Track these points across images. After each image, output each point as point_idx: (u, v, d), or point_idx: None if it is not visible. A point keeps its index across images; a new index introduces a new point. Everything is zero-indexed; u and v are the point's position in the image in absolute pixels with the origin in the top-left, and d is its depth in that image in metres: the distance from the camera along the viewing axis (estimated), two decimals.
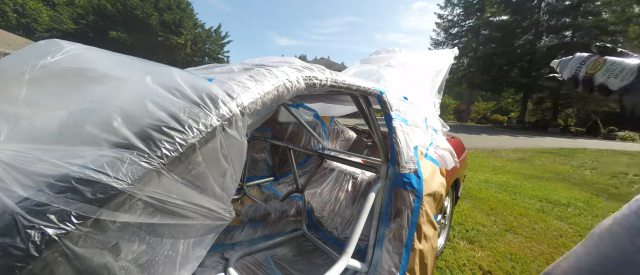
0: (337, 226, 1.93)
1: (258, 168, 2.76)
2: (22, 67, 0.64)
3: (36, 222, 0.41)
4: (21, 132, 0.55)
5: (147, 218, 0.53)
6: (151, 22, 19.81)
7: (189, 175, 0.58)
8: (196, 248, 0.67)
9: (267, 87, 0.77)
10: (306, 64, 1.00)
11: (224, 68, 0.96)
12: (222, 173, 0.66)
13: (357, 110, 1.41)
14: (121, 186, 0.48)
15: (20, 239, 0.39)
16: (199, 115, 0.61)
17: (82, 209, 0.44)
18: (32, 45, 0.73)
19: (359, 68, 2.47)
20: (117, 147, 0.51)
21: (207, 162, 0.61)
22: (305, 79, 0.89)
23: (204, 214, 0.63)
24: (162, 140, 0.54)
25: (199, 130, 0.59)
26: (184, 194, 0.58)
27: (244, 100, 0.70)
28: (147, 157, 0.52)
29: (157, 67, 0.72)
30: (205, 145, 0.60)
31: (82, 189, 0.45)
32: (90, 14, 19.61)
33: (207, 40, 25.12)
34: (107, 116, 0.55)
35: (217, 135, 0.62)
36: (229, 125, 0.64)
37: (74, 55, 0.69)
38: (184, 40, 21.57)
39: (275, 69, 0.85)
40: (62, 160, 0.47)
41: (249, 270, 1.39)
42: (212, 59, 25.13)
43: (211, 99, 0.64)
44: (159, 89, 0.62)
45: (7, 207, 0.41)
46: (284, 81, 0.82)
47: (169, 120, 0.57)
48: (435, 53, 2.62)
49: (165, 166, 0.53)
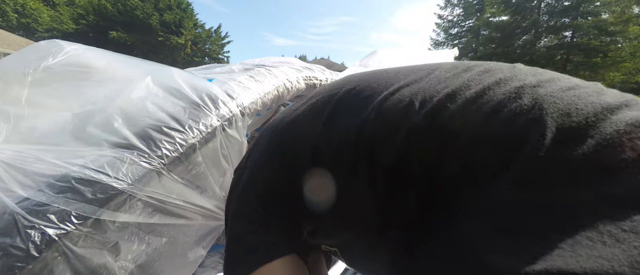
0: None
1: None
2: (23, 67, 0.64)
3: (36, 222, 0.41)
4: (21, 132, 0.55)
5: (146, 218, 0.53)
6: (151, 22, 19.82)
7: (189, 175, 0.58)
8: (196, 248, 0.67)
9: (268, 88, 0.77)
10: (306, 64, 1.00)
11: (224, 68, 0.96)
12: (222, 173, 0.66)
13: None
14: (121, 186, 0.48)
15: (20, 239, 0.40)
16: (199, 115, 0.61)
17: (82, 209, 0.44)
18: (33, 46, 0.73)
19: (358, 68, 2.47)
20: (117, 147, 0.51)
21: (207, 162, 0.61)
22: (305, 79, 0.89)
23: (204, 214, 0.63)
24: (163, 140, 0.54)
25: (199, 131, 0.59)
26: (183, 194, 0.58)
27: (244, 100, 0.70)
28: (147, 157, 0.52)
29: (157, 67, 0.72)
30: (205, 145, 0.60)
31: (82, 189, 0.45)
32: (91, 14, 19.62)
33: (207, 41, 25.14)
34: (108, 116, 0.55)
35: (217, 135, 0.62)
36: (229, 126, 0.64)
37: (74, 56, 0.69)
38: (184, 41, 21.58)
39: (275, 69, 0.85)
40: (62, 160, 0.47)
41: None
42: (212, 59, 25.14)
43: (211, 99, 0.64)
44: (159, 89, 0.62)
45: (7, 207, 0.41)
46: (284, 81, 0.82)
47: (169, 121, 0.57)
48: (435, 53, 2.62)
49: (166, 166, 0.53)
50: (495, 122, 0.29)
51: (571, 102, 0.28)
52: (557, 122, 0.27)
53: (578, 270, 0.20)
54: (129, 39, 19.76)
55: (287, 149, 0.44)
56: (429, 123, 0.33)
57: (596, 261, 0.19)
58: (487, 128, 0.30)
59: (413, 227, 0.35)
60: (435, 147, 0.32)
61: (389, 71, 0.43)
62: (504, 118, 0.29)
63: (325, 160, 0.40)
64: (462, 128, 0.31)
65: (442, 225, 0.32)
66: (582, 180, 0.24)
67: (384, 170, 0.35)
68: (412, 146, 0.33)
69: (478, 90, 0.32)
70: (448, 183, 0.31)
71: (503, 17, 17.20)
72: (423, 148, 0.33)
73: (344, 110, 0.41)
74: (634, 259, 0.19)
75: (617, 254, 0.19)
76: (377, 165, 0.36)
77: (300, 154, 0.42)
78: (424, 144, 0.33)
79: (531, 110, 0.28)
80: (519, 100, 0.29)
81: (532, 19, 15.71)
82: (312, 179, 0.42)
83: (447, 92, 0.34)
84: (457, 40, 20.52)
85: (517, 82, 0.32)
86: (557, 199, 0.24)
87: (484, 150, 0.29)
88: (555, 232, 0.23)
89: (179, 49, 22.07)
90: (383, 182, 0.36)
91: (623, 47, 12.54)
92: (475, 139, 0.30)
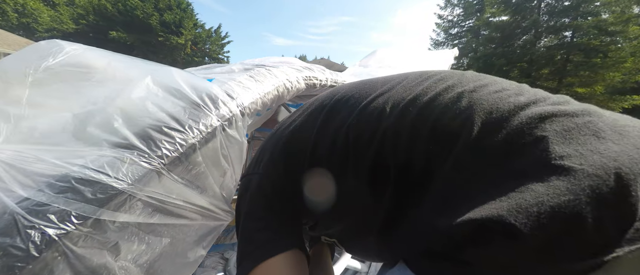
0: None
1: None
2: (24, 68, 0.64)
3: (36, 222, 0.41)
4: (22, 132, 0.55)
5: (147, 218, 0.53)
6: (151, 22, 19.81)
7: (189, 175, 0.58)
8: (196, 248, 0.67)
9: (268, 88, 0.77)
10: (306, 64, 1.00)
11: (224, 68, 0.96)
12: (222, 173, 0.66)
13: None
14: (121, 186, 0.48)
15: (20, 239, 0.40)
16: (199, 115, 0.61)
17: (82, 209, 0.44)
18: (33, 46, 0.73)
19: (358, 68, 2.47)
20: (117, 147, 0.51)
21: (207, 162, 0.61)
22: (305, 79, 0.89)
23: (203, 214, 0.63)
24: (163, 140, 0.54)
25: (199, 131, 0.59)
26: (183, 194, 0.58)
27: (244, 100, 0.70)
28: (147, 157, 0.52)
29: (157, 68, 0.72)
30: (205, 145, 0.60)
31: (82, 189, 0.45)
32: (91, 14, 19.62)
33: (207, 41, 25.13)
34: (108, 116, 0.55)
35: (217, 135, 0.62)
36: (229, 126, 0.64)
37: (75, 56, 0.69)
38: (184, 41, 21.56)
39: (275, 69, 0.85)
40: (62, 160, 0.47)
41: None
42: (212, 59, 25.12)
43: (211, 99, 0.64)
44: (159, 89, 0.62)
45: (7, 207, 0.41)
46: (284, 81, 0.82)
47: (169, 121, 0.57)
48: (435, 53, 2.62)
49: (166, 166, 0.53)
50: (443, 121, 0.37)
51: (494, 102, 0.36)
52: (482, 119, 0.35)
53: (477, 217, 0.29)
54: (129, 39, 19.75)
55: (289, 155, 0.51)
56: (398, 123, 0.40)
57: (490, 211, 0.29)
58: (438, 125, 0.37)
59: (392, 214, 0.42)
60: (402, 143, 0.39)
61: (370, 81, 0.52)
62: (448, 117, 0.37)
63: (320, 162, 0.47)
64: (421, 126, 0.38)
65: (412, 210, 0.39)
66: (495, 160, 0.33)
67: (367, 166, 0.42)
68: (386, 143, 0.40)
69: (432, 95, 0.40)
70: (416, 173, 0.38)
71: (503, 17, 17.18)
72: (394, 145, 0.39)
73: (332, 118, 0.48)
74: (512, 206, 0.28)
75: (504, 204, 0.29)
76: (361, 163, 0.43)
77: (300, 159, 0.49)
78: (395, 141, 0.39)
79: (465, 111, 0.37)
80: (458, 103, 0.38)
81: (532, 19, 15.70)
82: (311, 179, 0.48)
83: (410, 98, 0.41)
84: (457, 40, 20.50)
85: (460, 88, 0.40)
86: (478, 175, 0.33)
87: (437, 143, 0.37)
88: (476, 198, 0.31)
89: (179, 49, 22.06)
90: (367, 177, 0.43)
91: (623, 47, 12.52)
92: (430, 134, 0.37)
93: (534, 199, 0.28)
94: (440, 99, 0.39)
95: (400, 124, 0.40)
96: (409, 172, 0.38)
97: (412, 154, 0.38)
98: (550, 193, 0.27)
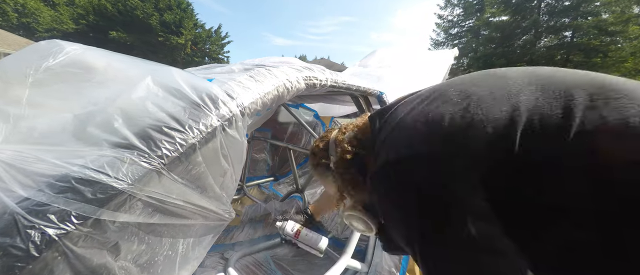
0: (337, 226, 1.92)
1: (258, 168, 2.75)
2: (24, 68, 0.64)
3: (36, 222, 0.41)
4: (22, 132, 0.55)
5: (147, 218, 0.53)
6: (151, 22, 19.80)
7: (189, 175, 0.58)
8: (196, 248, 0.67)
9: (267, 87, 0.77)
10: (306, 64, 1.00)
11: (224, 68, 0.96)
12: (222, 173, 0.66)
13: (357, 111, 1.41)
14: (121, 186, 0.48)
15: (20, 239, 0.40)
16: (199, 115, 0.61)
17: (82, 209, 0.44)
18: (33, 46, 0.73)
19: (358, 68, 2.47)
20: (117, 147, 0.51)
21: (207, 162, 0.61)
22: (305, 79, 0.89)
23: (203, 214, 0.63)
24: (163, 140, 0.54)
25: (199, 131, 0.59)
26: (183, 194, 0.58)
27: (244, 100, 0.70)
28: (147, 157, 0.52)
29: (157, 67, 0.72)
30: (205, 145, 0.60)
31: (82, 189, 0.45)
32: (91, 14, 19.60)
33: (207, 41, 25.11)
34: (108, 116, 0.55)
35: (217, 135, 0.62)
36: (229, 126, 0.64)
37: (75, 56, 0.69)
38: (184, 41, 21.54)
39: (275, 69, 0.85)
40: (62, 160, 0.47)
41: (249, 270, 1.39)
42: (212, 59, 25.10)
43: (211, 99, 0.64)
44: (160, 89, 0.62)
45: (7, 207, 0.41)
46: (284, 81, 0.82)
47: (169, 121, 0.57)
48: (435, 53, 2.62)
49: (166, 166, 0.53)
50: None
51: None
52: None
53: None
54: (129, 39, 19.74)
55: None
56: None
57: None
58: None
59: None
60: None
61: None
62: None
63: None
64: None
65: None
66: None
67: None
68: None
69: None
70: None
71: (503, 17, 17.17)
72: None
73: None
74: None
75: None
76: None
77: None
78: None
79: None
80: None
81: (532, 19, 15.69)
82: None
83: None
84: (457, 40, 20.48)
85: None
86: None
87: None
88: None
89: (179, 49, 22.04)
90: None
91: (623, 47, 12.52)
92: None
93: None
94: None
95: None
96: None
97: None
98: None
